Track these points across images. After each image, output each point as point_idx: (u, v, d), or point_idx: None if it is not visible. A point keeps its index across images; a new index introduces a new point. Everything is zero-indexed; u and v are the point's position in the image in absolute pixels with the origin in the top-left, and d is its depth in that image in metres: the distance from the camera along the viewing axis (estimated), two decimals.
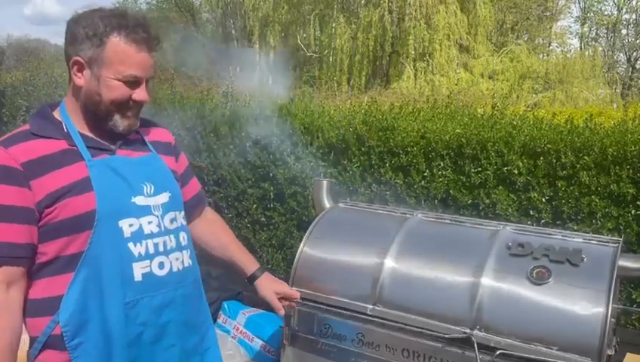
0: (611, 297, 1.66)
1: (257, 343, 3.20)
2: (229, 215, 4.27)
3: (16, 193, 1.28)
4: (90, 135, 1.40)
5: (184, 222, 1.53)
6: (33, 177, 1.29)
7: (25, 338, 1.35)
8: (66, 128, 1.37)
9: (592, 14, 21.68)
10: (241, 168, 4.10)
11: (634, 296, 2.82)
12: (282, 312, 1.77)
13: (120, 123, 1.40)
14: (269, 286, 1.74)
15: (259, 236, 4.15)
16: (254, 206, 4.08)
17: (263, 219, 4.09)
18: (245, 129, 3.91)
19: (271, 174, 3.88)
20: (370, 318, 1.90)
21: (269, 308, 3.08)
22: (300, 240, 4.00)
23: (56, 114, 1.41)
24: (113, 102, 1.37)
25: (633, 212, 2.78)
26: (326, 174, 3.29)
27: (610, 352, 1.79)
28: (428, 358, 1.75)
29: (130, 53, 1.35)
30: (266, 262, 4.10)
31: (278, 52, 18.58)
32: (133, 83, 1.38)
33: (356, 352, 1.89)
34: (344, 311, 1.95)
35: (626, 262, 1.84)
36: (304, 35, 19.62)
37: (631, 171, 2.72)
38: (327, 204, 2.39)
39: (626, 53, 20.90)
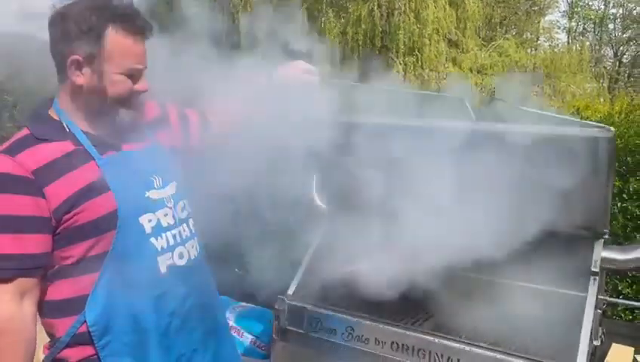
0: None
1: (247, 338, 3.20)
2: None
3: (30, 203, 1.25)
4: (93, 132, 1.38)
5: (190, 209, 1.56)
6: (46, 184, 1.26)
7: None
8: (68, 128, 1.34)
9: (579, 9, 21.81)
10: None
11: (620, 288, 2.86)
12: (317, 79, 1.75)
13: (126, 116, 1.40)
14: (287, 68, 1.73)
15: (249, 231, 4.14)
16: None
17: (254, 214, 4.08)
18: None
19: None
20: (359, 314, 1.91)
21: (258, 302, 3.08)
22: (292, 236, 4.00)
23: (52, 113, 1.37)
24: (119, 97, 1.35)
25: (619, 204, 2.82)
26: None
27: (597, 343, 1.81)
28: (417, 351, 1.76)
29: (129, 45, 1.33)
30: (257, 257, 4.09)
31: None
32: (134, 75, 1.36)
33: (346, 346, 1.89)
34: None
35: (613, 254, 1.85)
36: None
37: (617, 164, 2.75)
38: (316, 198, 2.39)
39: (612, 47, 21.06)
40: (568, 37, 21.61)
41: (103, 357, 1.33)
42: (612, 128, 1.48)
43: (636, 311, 2.83)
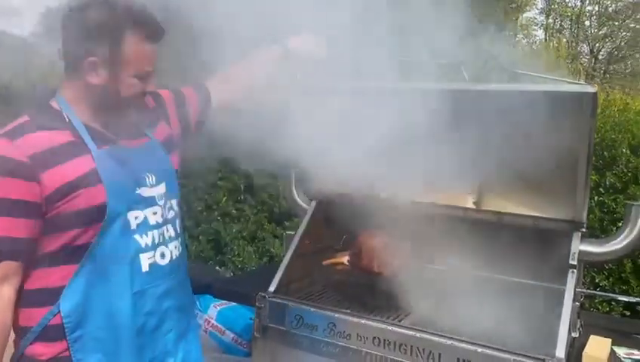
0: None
1: (229, 336, 3.18)
2: (198, 208, 4.23)
3: (24, 187, 1.26)
4: (93, 125, 1.39)
5: (178, 209, 1.57)
6: (42, 170, 1.27)
7: None
8: (68, 118, 1.36)
9: (556, 6, 22.09)
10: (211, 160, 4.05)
11: (597, 280, 2.90)
12: (325, 51, 1.86)
13: (132, 114, 1.43)
14: (299, 40, 1.83)
15: (229, 229, 4.12)
16: (224, 198, 4.04)
17: (233, 211, 4.06)
18: None
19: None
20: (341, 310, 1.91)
21: (239, 300, 3.06)
22: (272, 233, 4.00)
23: (54, 103, 1.39)
24: (131, 98, 1.38)
25: (596, 198, 2.86)
26: None
27: (575, 335, 1.84)
28: (398, 346, 1.76)
29: (147, 50, 1.37)
30: (237, 255, 4.08)
31: None
32: (147, 76, 1.40)
33: (328, 342, 1.89)
34: None
35: (590, 247, 1.88)
36: None
37: (593, 159, 2.79)
38: (296, 197, 2.38)
39: (589, 44, 21.38)
40: (545, 34, 21.89)
41: (73, 352, 1.33)
42: (595, 85, 1.53)
43: (613, 303, 2.88)
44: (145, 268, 1.42)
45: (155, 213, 1.45)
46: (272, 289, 2.05)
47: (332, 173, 2.17)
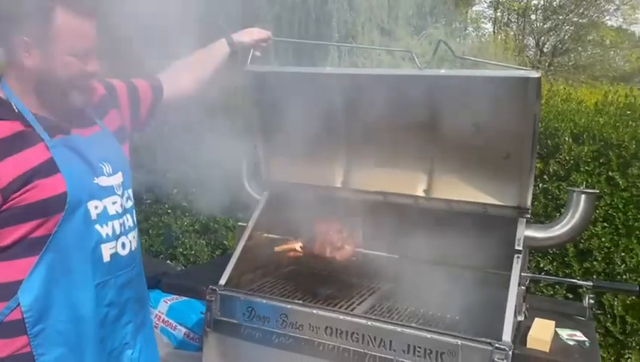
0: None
1: (180, 331, 3.12)
2: (148, 200, 4.12)
3: None
4: (42, 115, 1.33)
5: (133, 200, 1.54)
6: None
7: None
8: (17, 108, 1.29)
9: (504, 0, 22.66)
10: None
11: (542, 265, 3.00)
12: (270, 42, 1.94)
13: (78, 99, 1.36)
14: (242, 34, 1.87)
15: (180, 222, 4.04)
16: (174, 190, 3.95)
17: (184, 203, 3.98)
18: None
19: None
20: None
21: (190, 295, 3.01)
22: (224, 225, 3.94)
23: (0, 93, 1.32)
24: (70, 79, 1.32)
25: (540, 186, 2.95)
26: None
27: (521, 318, 1.89)
28: (350, 335, 1.77)
29: (79, 26, 1.30)
30: (189, 248, 4.00)
31: None
32: (84, 55, 1.33)
33: (280, 333, 1.88)
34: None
35: (534, 233, 1.93)
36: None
37: (538, 147, 2.87)
38: (247, 186, 2.35)
39: (534, 37, 22.06)
40: (494, 27, 22.43)
41: (34, 346, 1.28)
42: (540, 70, 1.58)
43: (557, 287, 2.98)
44: (106, 258, 1.39)
45: (114, 203, 1.43)
46: (222, 282, 2.01)
47: (284, 163, 2.15)
